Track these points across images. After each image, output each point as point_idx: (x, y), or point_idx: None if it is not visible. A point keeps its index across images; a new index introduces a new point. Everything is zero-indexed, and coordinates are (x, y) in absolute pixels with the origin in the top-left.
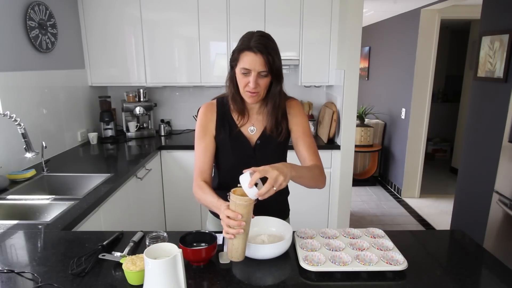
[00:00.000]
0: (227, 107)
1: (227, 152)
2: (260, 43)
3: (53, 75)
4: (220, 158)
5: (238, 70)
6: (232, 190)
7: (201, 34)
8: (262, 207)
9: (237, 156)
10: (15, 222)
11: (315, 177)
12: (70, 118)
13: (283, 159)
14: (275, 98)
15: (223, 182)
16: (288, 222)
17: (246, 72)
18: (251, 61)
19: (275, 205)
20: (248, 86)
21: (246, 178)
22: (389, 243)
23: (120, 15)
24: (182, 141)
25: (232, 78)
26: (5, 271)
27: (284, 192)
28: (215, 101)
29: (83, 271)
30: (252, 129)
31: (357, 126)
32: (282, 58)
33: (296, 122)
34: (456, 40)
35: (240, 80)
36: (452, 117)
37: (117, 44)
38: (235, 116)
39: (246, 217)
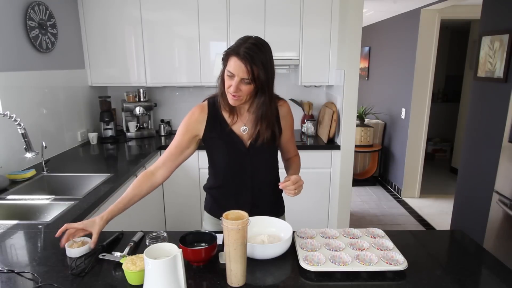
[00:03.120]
0: (218, 107)
1: (221, 151)
2: (248, 53)
3: (53, 75)
4: (215, 158)
5: (226, 71)
6: (224, 214)
7: (201, 34)
8: (258, 205)
9: (231, 155)
10: (15, 222)
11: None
12: (70, 118)
13: (276, 155)
14: (258, 110)
15: (218, 182)
16: (284, 219)
17: (231, 75)
18: (235, 66)
19: (270, 203)
20: (231, 88)
21: None
22: (389, 243)
23: (120, 15)
24: None
25: (222, 76)
26: (5, 271)
27: (278, 191)
28: (206, 102)
29: (83, 271)
30: (244, 129)
31: (357, 126)
32: (282, 58)
33: (285, 125)
34: (456, 40)
35: (226, 81)
36: (452, 117)
37: (117, 44)
38: (225, 115)
39: (240, 241)
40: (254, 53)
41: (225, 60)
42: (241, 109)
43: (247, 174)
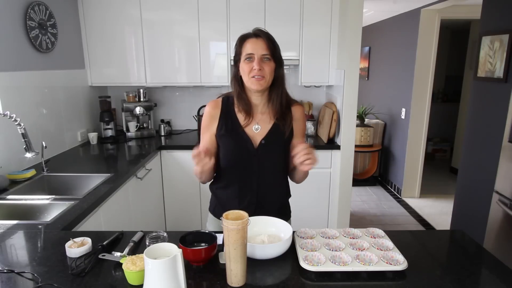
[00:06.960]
0: (232, 105)
1: (229, 149)
2: (261, 30)
3: (53, 75)
4: (222, 156)
5: (242, 62)
6: (224, 214)
7: (201, 34)
8: (264, 210)
9: (239, 153)
10: (15, 222)
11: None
12: (70, 118)
13: (286, 159)
14: (281, 83)
15: (224, 181)
16: (290, 223)
17: (250, 57)
18: (253, 45)
19: (276, 208)
20: (253, 71)
21: None
22: (389, 243)
23: (120, 15)
24: (182, 141)
25: (236, 75)
26: (5, 271)
27: (285, 195)
28: (220, 98)
29: (83, 271)
30: (257, 127)
31: (357, 126)
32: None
33: (297, 129)
34: (456, 40)
35: (245, 69)
36: (452, 117)
37: (117, 44)
38: (239, 115)
39: (240, 241)
40: (265, 31)
41: (239, 53)
42: (254, 108)
43: (253, 174)
